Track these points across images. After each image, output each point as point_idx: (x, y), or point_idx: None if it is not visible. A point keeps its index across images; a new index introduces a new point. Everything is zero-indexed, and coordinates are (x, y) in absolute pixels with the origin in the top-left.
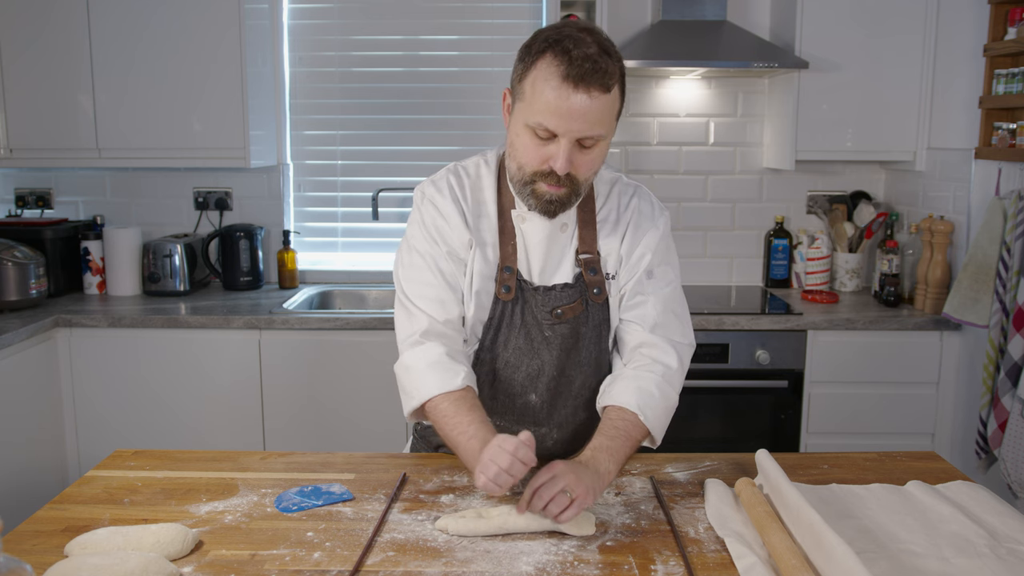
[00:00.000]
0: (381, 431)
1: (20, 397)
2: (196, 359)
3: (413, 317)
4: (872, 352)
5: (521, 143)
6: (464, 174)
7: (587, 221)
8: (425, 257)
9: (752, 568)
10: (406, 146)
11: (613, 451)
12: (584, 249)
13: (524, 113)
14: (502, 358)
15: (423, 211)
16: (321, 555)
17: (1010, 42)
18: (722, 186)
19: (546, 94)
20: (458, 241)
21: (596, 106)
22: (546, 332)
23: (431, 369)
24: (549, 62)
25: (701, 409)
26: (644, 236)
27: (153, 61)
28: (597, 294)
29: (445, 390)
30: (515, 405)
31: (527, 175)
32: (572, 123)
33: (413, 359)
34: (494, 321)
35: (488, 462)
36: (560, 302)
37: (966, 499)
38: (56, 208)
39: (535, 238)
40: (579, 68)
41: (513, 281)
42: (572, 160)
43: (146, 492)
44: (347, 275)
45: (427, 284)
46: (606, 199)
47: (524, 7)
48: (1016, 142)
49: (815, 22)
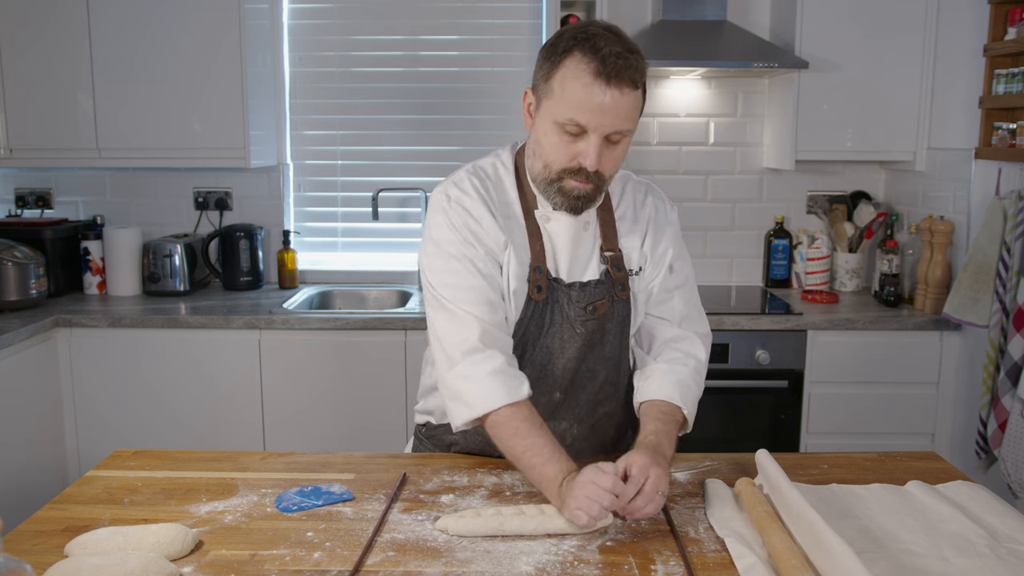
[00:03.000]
0: (381, 431)
1: (20, 397)
2: (196, 359)
3: (464, 323)
4: (872, 352)
5: (549, 141)
6: (484, 175)
7: (607, 219)
8: (463, 261)
9: (752, 568)
10: (406, 146)
11: (671, 436)
12: (608, 247)
13: (553, 111)
14: (531, 358)
15: (451, 214)
16: (321, 555)
17: (1010, 42)
18: (722, 186)
19: (577, 91)
20: (493, 242)
21: (626, 102)
22: (578, 329)
23: (493, 379)
24: (579, 59)
25: (701, 409)
26: (665, 233)
27: (153, 61)
28: (621, 290)
29: (511, 400)
30: (539, 402)
31: (554, 173)
32: (604, 118)
33: (472, 368)
34: (525, 321)
35: (590, 502)
36: (594, 298)
37: (966, 499)
38: (56, 208)
39: (561, 237)
40: (612, 65)
41: (544, 280)
42: (601, 156)
43: (146, 492)
44: (347, 275)
45: (472, 288)
46: (621, 197)
47: (524, 7)
48: (1016, 142)
49: (815, 22)
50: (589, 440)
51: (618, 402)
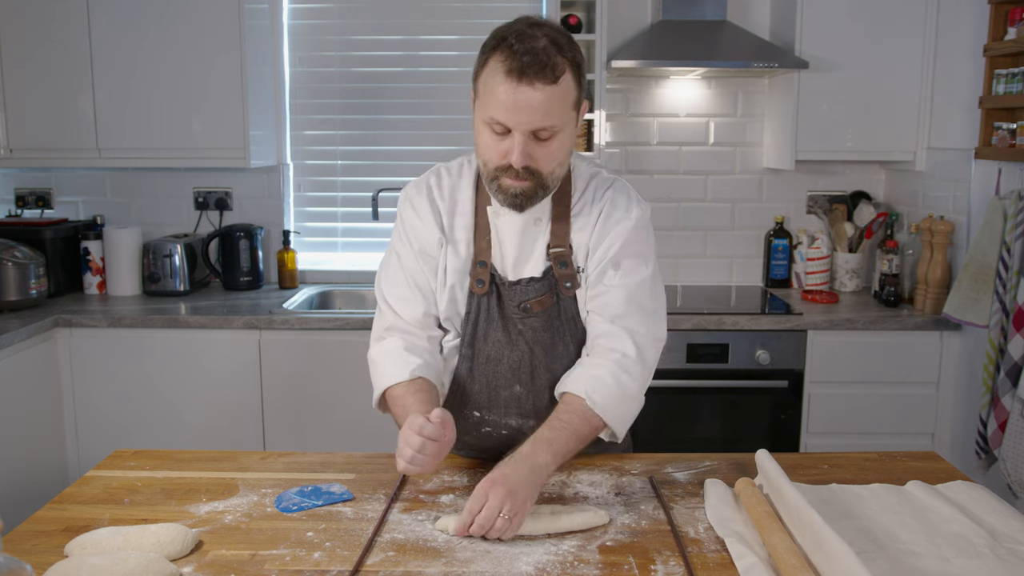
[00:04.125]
0: (381, 431)
1: (20, 397)
2: (196, 359)
3: (382, 314)
4: (872, 352)
5: (482, 139)
6: (446, 173)
7: (561, 215)
8: (394, 256)
9: (752, 568)
10: (406, 146)
11: (552, 442)
12: (556, 243)
13: (480, 110)
14: (483, 352)
15: (403, 212)
16: (321, 555)
17: (1010, 42)
18: (722, 186)
19: (495, 89)
20: (429, 239)
21: (543, 98)
22: (518, 325)
23: (386, 360)
24: (497, 58)
25: (701, 409)
26: (614, 227)
27: (153, 61)
28: (568, 287)
29: (396, 381)
30: (501, 397)
31: (491, 171)
32: (521, 116)
33: (375, 353)
34: (471, 315)
35: (402, 446)
36: (527, 296)
37: (966, 499)
38: (56, 208)
39: (508, 232)
40: (522, 62)
41: (486, 275)
42: (529, 153)
43: (146, 492)
44: (347, 275)
45: (395, 283)
46: (582, 193)
47: (524, 7)
48: (1016, 142)
49: (815, 22)
50: None
51: None
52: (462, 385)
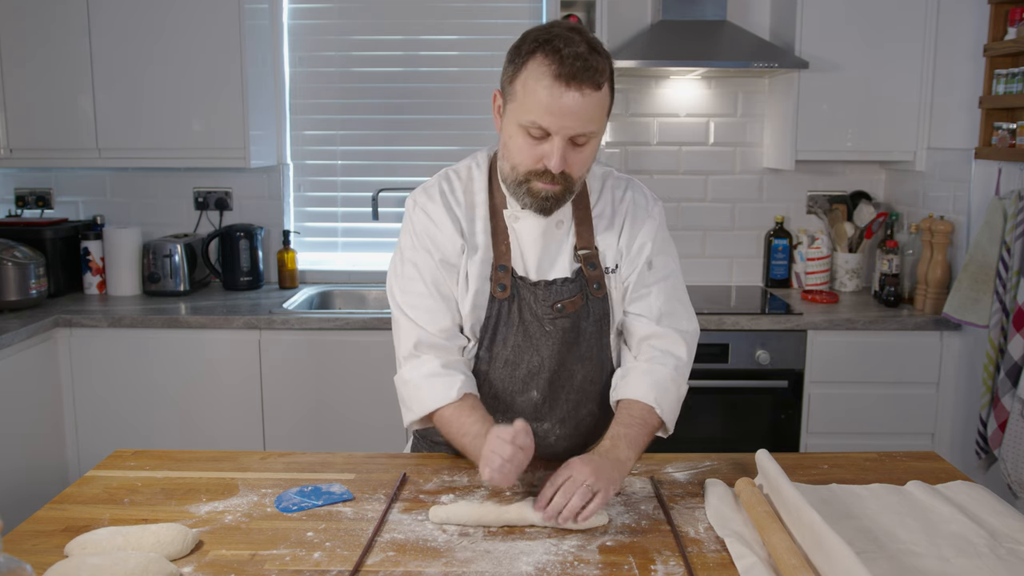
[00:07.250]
0: (381, 431)
1: (20, 397)
2: (196, 359)
3: (404, 329)
4: (872, 352)
5: (514, 143)
6: (456, 177)
7: (583, 218)
8: (412, 267)
9: (752, 568)
10: (406, 146)
11: (631, 439)
12: (582, 245)
13: (517, 113)
14: (501, 356)
15: (415, 219)
16: (321, 555)
17: (1010, 42)
18: (722, 186)
19: (539, 93)
20: (450, 247)
21: (588, 103)
22: (547, 327)
23: (427, 382)
24: (540, 62)
25: (701, 409)
26: (642, 227)
27: (153, 61)
28: (597, 289)
29: (444, 403)
30: (516, 402)
31: (521, 175)
32: (565, 121)
33: (410, 372)
34: (491, 320)
35: (490, 454)
36: (562, 296)
37: (966, 499)
38: (56, 208)
39: (529, 236)
40: (570, 66)
41: (508, 279)
42: (566, 158)
43: (146, 492)
44: (347, 275)
45: (418, 294)
46: (600, 194)
47: (524, 7)
48: (1016, 142)
49: (815, 22)
50: (573, 439)
51: (600, 402)
52: (478, 392)
